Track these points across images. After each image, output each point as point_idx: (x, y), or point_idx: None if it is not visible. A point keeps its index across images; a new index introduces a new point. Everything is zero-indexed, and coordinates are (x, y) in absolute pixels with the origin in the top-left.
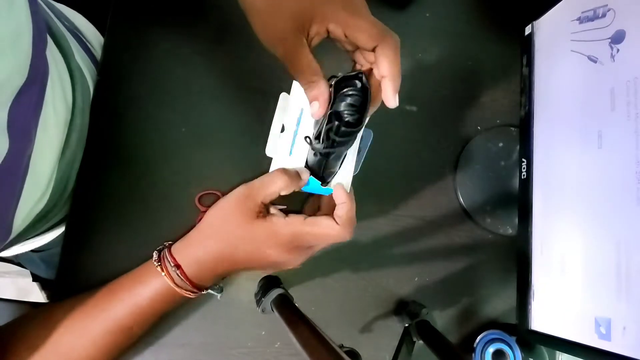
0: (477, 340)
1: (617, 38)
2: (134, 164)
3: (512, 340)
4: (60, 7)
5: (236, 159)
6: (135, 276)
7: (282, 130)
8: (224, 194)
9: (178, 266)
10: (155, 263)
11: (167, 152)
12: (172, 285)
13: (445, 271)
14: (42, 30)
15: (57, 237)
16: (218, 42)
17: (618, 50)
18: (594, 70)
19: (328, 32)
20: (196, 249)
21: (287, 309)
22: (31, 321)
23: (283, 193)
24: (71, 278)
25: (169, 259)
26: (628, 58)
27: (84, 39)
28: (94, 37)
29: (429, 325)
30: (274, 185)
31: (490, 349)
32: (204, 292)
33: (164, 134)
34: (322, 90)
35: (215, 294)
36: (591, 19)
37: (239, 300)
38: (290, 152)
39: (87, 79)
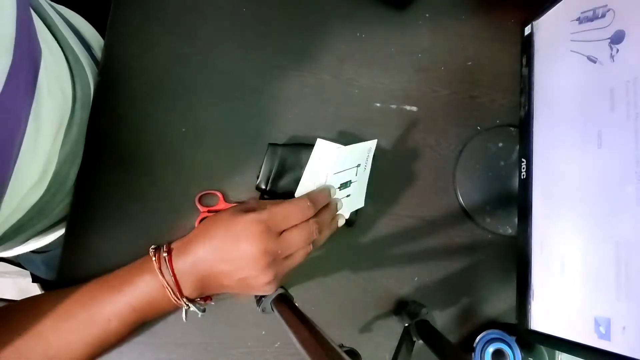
0: (477, 340)
1: (617, 38)
2: (134, 164)
3: (511, 340)
4: (60, 8)
5: (236, 159)
6: (127, 269)
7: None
8: (224, 194)
9: (169, 252)
10: (151, 250)
11: (167, 152)
12: (159, 274)
13: (445, 271)
14: (26, 9)
15: (58, 238)
16: (218, 42)
17: (618, 50)
18: (594, 70)
19: None
20: (187, 242)
21: (287, 308)
22: (19, 306)
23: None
24: (71, 278)
25: (165, 247)
26: (628, 58)
27: (85, 40)
28: (94, 39)
29: (428, 325)
30: (275, 201)
31: (490, 349)
32: (187, 305)
33: (164, 134)
34: None
35: (197, 311)
36: (591, 19)
37: (239, 300)
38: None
39: (87, 74)
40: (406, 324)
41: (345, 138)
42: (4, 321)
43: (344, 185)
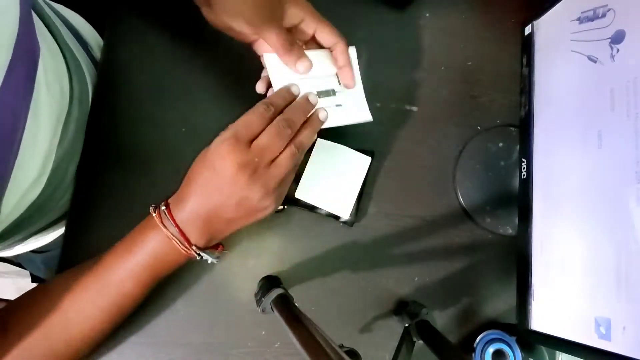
0: (477, 340)
1: (617, 38)
2: (134, 164)
3: (512, 340)
4: (58, 7)
5: None
6: (132, 233)
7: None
8: None
9: (167, 205)
10: (151, 208)
11: (167, 152)
12: (162, 227)
13: (445, 271)
14: (28, 6)
15: (58, 237)
16: (218, 42)
17: (618, 50)
18: (594, 70)
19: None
20: (182, 190)
21: (287, 309)
22: (36, 290)
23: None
24: None
25: (162, 203)
26: (628, 58)
27: (83, 39)
28: (92, 38)
29: (429, 325)
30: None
31: (490, 349)
32: (198, 254)
33: (164, 133)
34: (302, 50)
35: (210, 258)
36: (591, 19)
37: (239, 300)
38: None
39: (84, 71)
40: (406, 324)
41: (345, 137)
42: (25, 305)
43: (326, 93)
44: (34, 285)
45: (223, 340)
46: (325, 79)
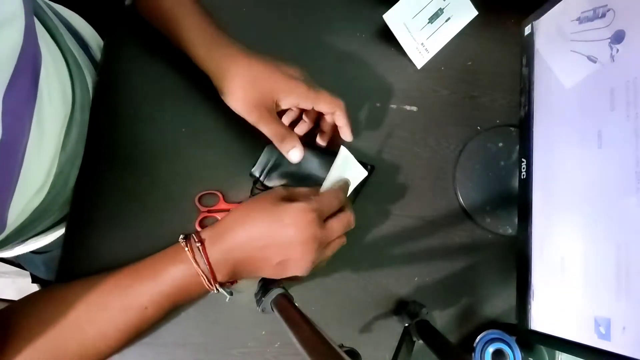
0: (477, 340)
1: (617, 38)
2: (134, 164)
3: (511, 340)
4: (59, 8)
5: (236, 159)
6: (158, 259)
7: None
8: (224, 194)
9: (202, 242)
10: (181, 240)
11: (167, 152)
12: (193, 263)
13: (445, 271)
14: (31, 15)
15: (58, 238)
16: None
17: (618, 50)
18: (594, 70)
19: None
20: (220, 231)
21: (287, 308)
22: (44, 297)
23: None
24: (71, 279)
25: (195, 237)
26: (628, 58)
27: (83, 40)
28: (93, 39)
29: (428, 325)
30: (307, 190)
31: (490, 349)
32: (217, 289)
33: (164, 134)
34: (296, 139)
35: (226, 294)
36: (591, 19)
37: (239, 300)
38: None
39: (85, 75)
40: (406, 324)
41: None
42: (35, 313)
43: (436, 15)
44: (34, 285)
45: (223, 340)
46: (431, 3)
